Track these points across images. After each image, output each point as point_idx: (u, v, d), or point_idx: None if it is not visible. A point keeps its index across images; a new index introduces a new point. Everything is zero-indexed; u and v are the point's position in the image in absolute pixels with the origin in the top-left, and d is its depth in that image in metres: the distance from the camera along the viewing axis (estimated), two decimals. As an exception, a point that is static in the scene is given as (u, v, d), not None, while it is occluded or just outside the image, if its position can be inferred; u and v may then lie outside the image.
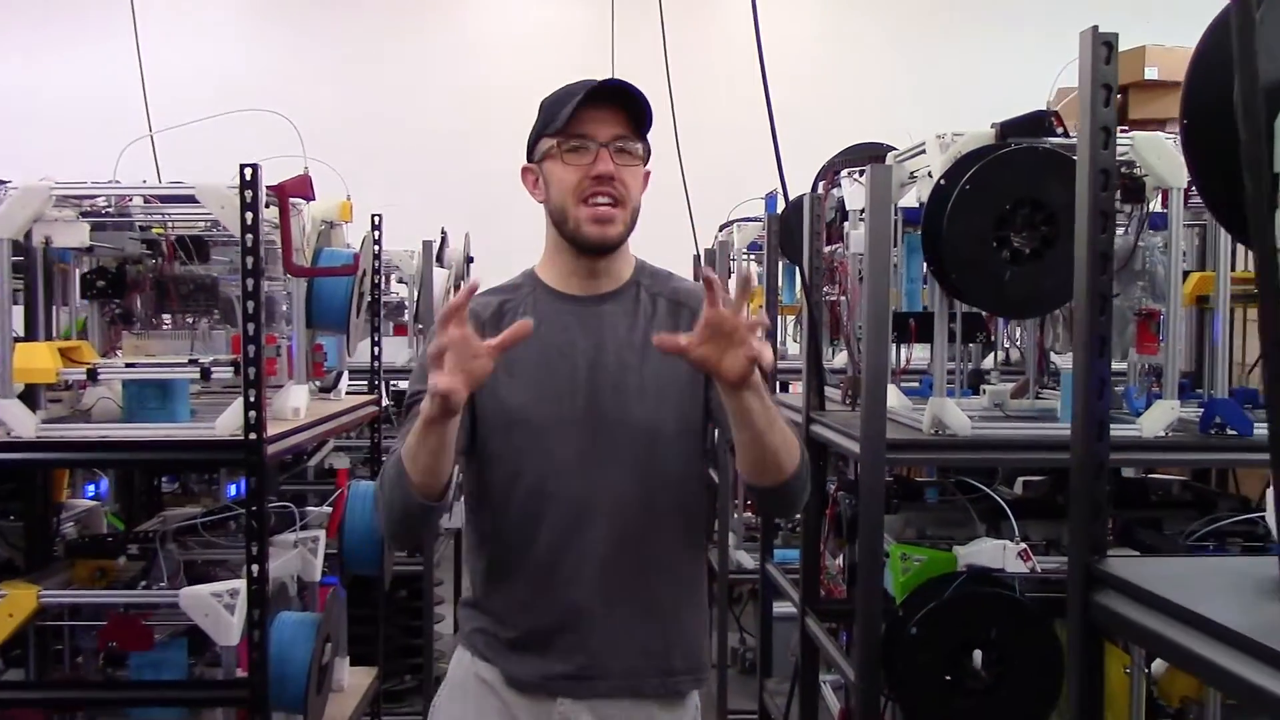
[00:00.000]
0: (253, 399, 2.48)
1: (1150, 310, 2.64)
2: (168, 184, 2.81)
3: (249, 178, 2.47)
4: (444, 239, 5.35)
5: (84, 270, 2.97)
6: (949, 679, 2.44)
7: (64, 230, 2.64)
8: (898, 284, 2.99)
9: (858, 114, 7.71)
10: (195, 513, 3.08)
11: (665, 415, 1.75)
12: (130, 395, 2.70)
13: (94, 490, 3.74)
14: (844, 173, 3.27)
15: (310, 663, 2.69)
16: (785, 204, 3.14)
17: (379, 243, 3.69)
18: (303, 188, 2.83)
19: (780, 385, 4.40)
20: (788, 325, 5.04)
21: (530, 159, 1.79)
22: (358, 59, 9.55)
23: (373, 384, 3.87)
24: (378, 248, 3.67)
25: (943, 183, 2.50)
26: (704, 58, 8.54)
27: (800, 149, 2.82)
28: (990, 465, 3.02)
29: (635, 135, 1.73)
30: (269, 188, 2.62)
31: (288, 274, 2.91)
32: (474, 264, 5.70)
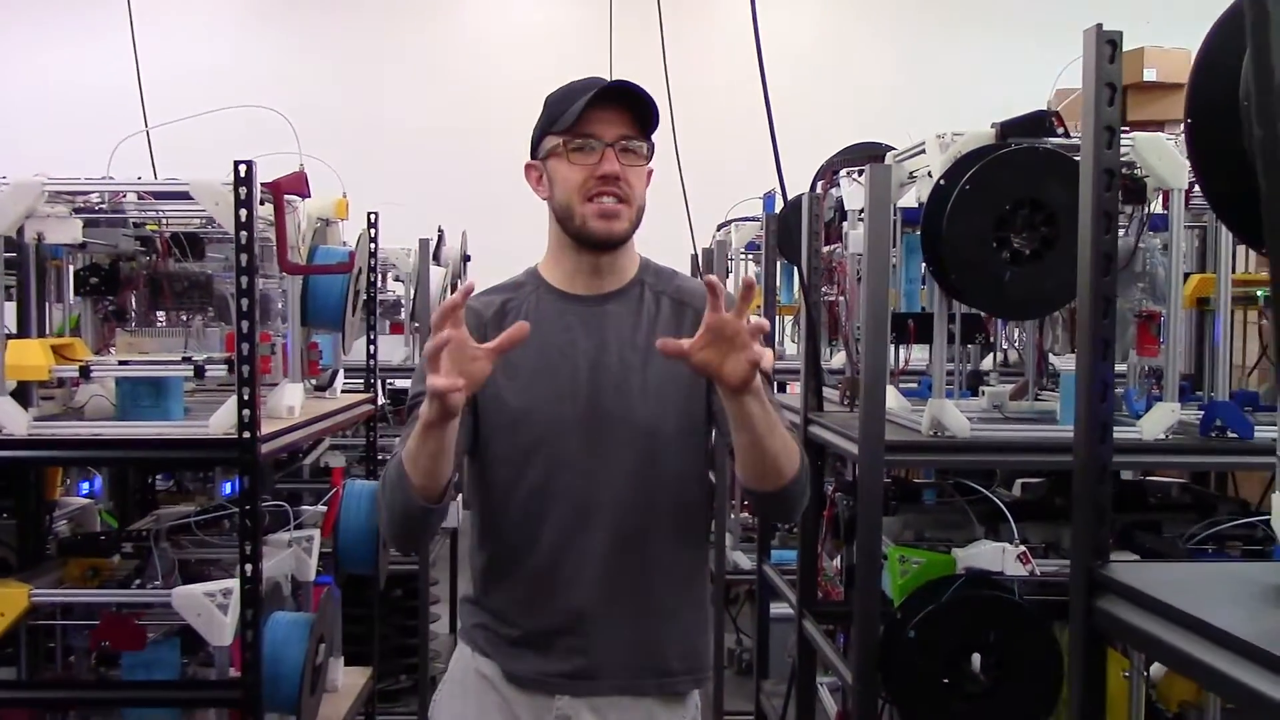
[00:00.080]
0: (246, 397, 2.47)
1: (1150, 312, 2.63)
2: (161, 180, 2.80)
3: (243, 174, 2.46)
4: (441, 237, 5.34)
5: (77, 267, 2.95)
6: (947, 682, 2.43)
7: (57, 226, 2.63)
8: (896, 284, 2.98)
9: (856, 113, 7.71)
10: (189, 511, 3.06)
11: (667, 415, 1.74)
12: (123, 393, 2.68)
13: (88, 488, 3.72)
14: (843, 172, 3.25)
15: (304, 663, 2.68)
16: (784, 204, 3.12)
17: (375, 240, 3.68)
18: (298, 185, 2.82)
19: (778, 386, 4.38)
20: (786, 326, 5.02)
21: (534, 156, 1.77)
22: (355, 57, 9.55)
23: (368, 382, 3.85)
24: (374, 245, 3.66)
25: (942, 183, 2.48)
26: (702, 56, 8.53)
27: (799, 148, 2.80)
28: (989, 467, 3.01)
29: (640, 135, 1.72)
30: (264, 184, 2.61)
31: (283, 271, 2.90)
32: (470, 262, 5.69)
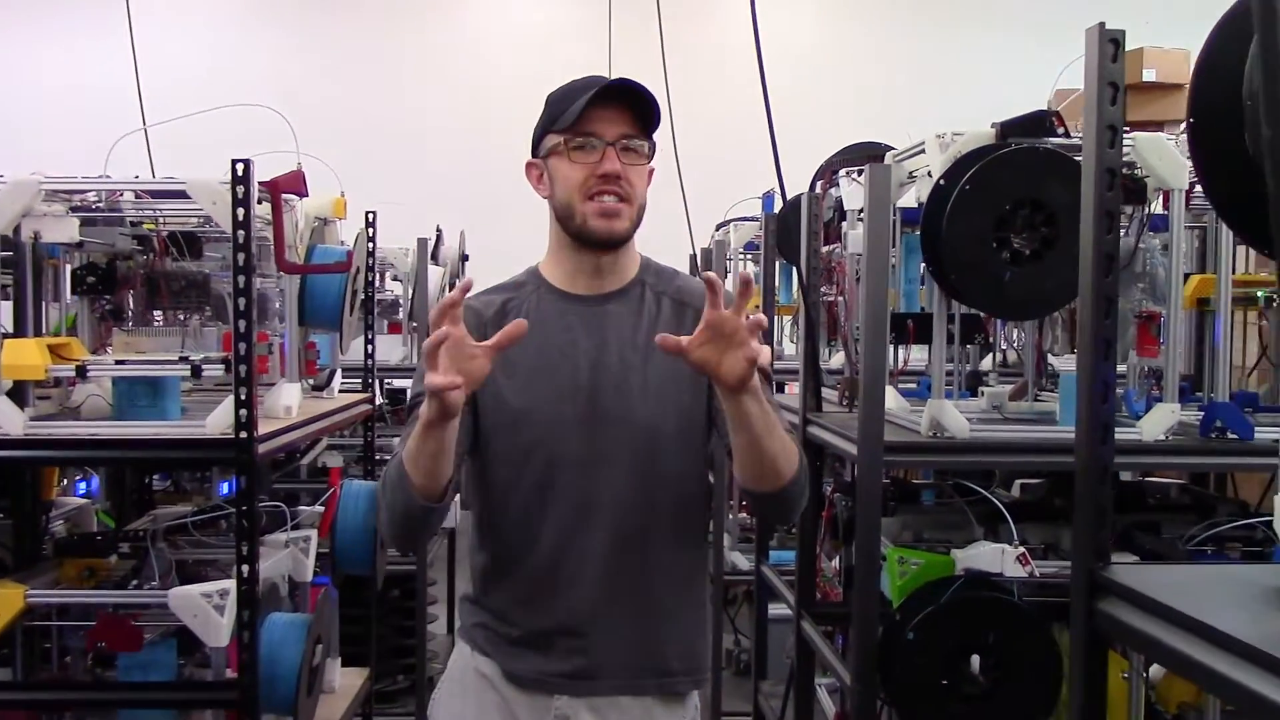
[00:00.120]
0: (244, 397, 2.46)
1: (1150, 312, 2.62)
2: (158, 179, 2.79)
3: (241, 173, 2.45)
4: (439, 236, 5.33)
5: (74, 266, 2.94)
6: (946, 684, 2.42)
7: (53, 225, 2.62)
8: (896, 284, 2.97)
9: (855, 113, 7.70)
10: (186, 511, 3.05)
11: (667, 415, 1.73)
12: (120, 393, 2.67)
13: (85, 488, 3.71)
14: (842, 172, 3.25)
15: (300, 664, 2.67)
16: (783, 203, 3.11)
17: (373, 240, 3.67)
18: (295, 183, 2.81)
19: (777, 386, 4.37)
20: (785, 326, 5.01)
21: (535, 154, 1.77)
22: (353, 56, 9.54)
23: (366, 382, 3.84)
24: (372, 245, 3.65)
25: (942, 183, 2.48)
26: (702, 56, 8.52)
27: (798, 148, 2.79)
28: (989, 468, 3.00)
29: (642, 134, 1.71)
30: (261, 183, 2.60)
31: (280, 271, 2.89)
32: (469, 262, 5.67)
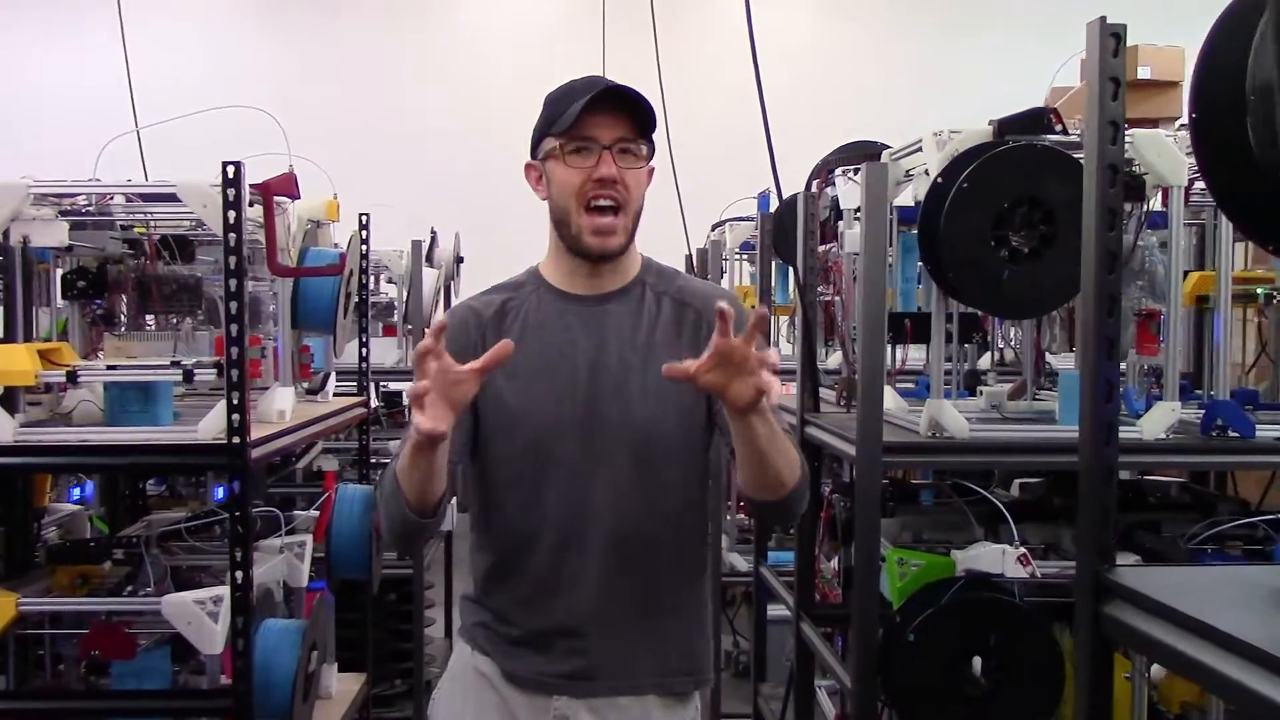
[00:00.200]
0: (236, 401, 2.44)
1: (1150, 310, 2.60)
2: (149, 182, 2.76)
3: (231, 175, 2.43)
4: (434, 239, 5.31)
5: (64, 270, 2.92)
6: (947, 686, 2.40)
7: (42, 229, 2.60)
8: (893, 284, 2.95)
9: (851, 113, 7.68)
10: (179, 517, 3.02)
11: (667, 416, 1.73)
12: (112, 398, 2.65)
13: (79, 494, 3.68)
14: (838, 171, 3.22)
15: (295, 670, 2.65)
16: (779, 203, 3.09)
17: (366, 242, 3.64)
18: (287, 186, 2.79)
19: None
20: (781, 326, 5.00)
21: (534, 156, 1.77)
22: (345, 58, 9.52)
23: (361, 385, 3.82)
24: (365, 247, 3.63)
25: (940, 181, 2.46)
26: (697, 54, 8.51)
27: (794, 147, 2.77)
28: (989, 468, 2.99)
29: (639, 136, 1.71)
30: (253, 186, 2.58)
31: (272, 274, 2.86)
32: (463, 264, 5.65)
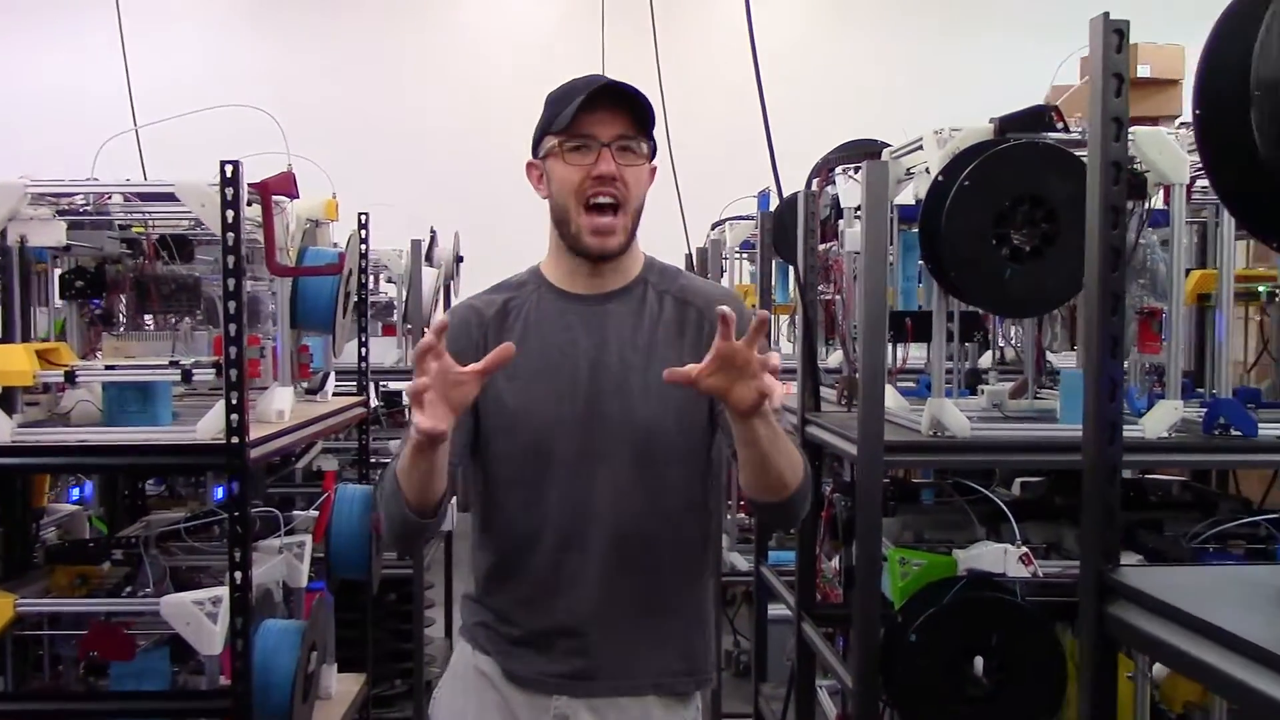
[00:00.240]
0: (235, 401, 2.43)
1: (1151, 309, 2.60)
2: (146, 182, 2.75)
3: (229, 175, 2.42)
4: (433, 238, 5.30)
5: (62, 270, 2.91)
6: (949, 686, 2.39)
7: (40, 229, 2.59)
8: (893, 282, 2.94)
9: (852, 111, 7.67)
10: (179, 517, 3.02)
11: (668, 416, 1.72)
12: (110, 398, 2.64)
13: (78, 494, 3.67)
14: (839, 169, 3.21)
15: (295, 671, 2.64)
16: (779, 202, 3.08)
17: (366, 241, 3.63)
18: (286, 185, 2.78)
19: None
20: (782, 325, 4.99)
21: (535, 155, 1.77)
22: (344, 57, 9.50)
23: (361, 385, 3.81)
24: (364, 246, 3.62)
25: (941, 179, 2.45)
26: (696, 53, 8.50)
27: (794, 146, 2.77)
28: (990, 467, 2.98)
29: (639, 134, 1.71)
30: (251, 185, 2.57)
31: (271, 273, 2.85)
32: (463, 263, 5.64)
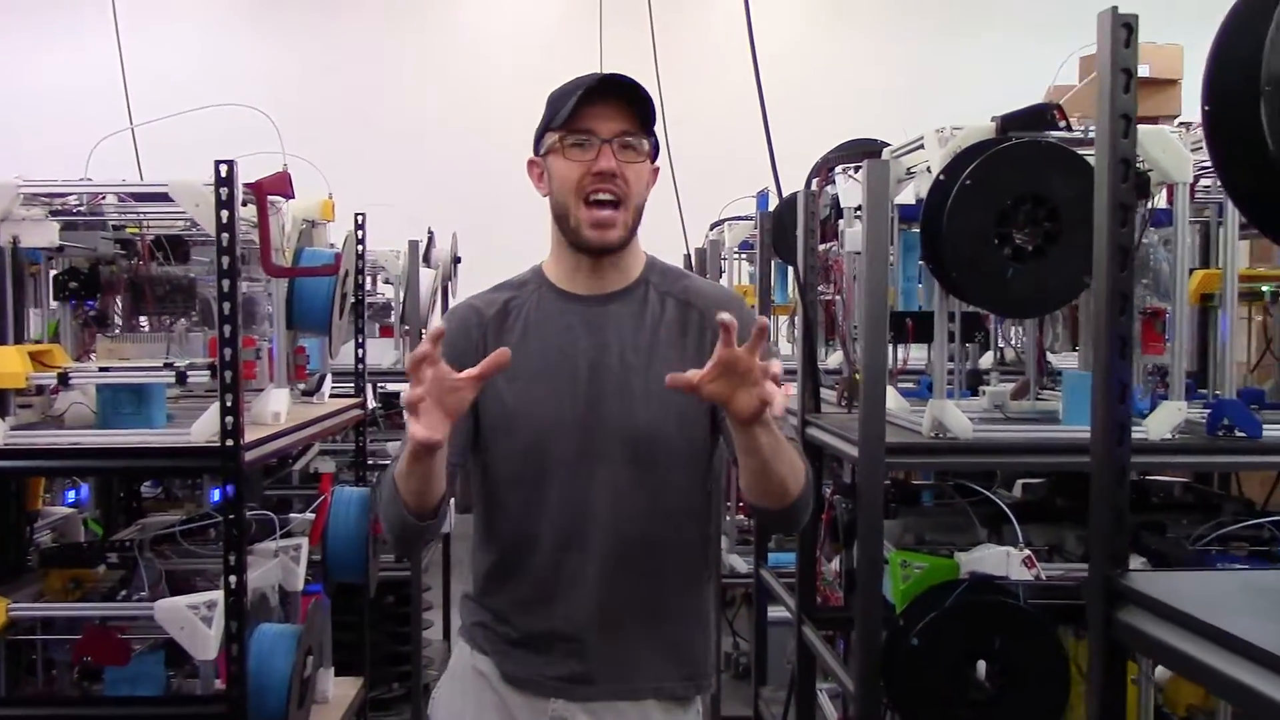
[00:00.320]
0: (230, 404, 2.41)
1: (1155, 309, 2.58)
2: (140, 182, 2.73)
3: (224, 174, 2.40)
4: (431, 239, 5.28)
5: (56, 271, 2.88)
6: (952, 689, 2.37)
7: (32, 229, 2.56)
8: (894, 282, 2.92)
9: (852, 111, 7.63)
10: (174, 520, 2.99)
11: (669, 418, 1.71)
12: (104, 400, 2.62)
13: (73, 496, 3.64)
14: (839, 169, 3.19)
15: (291, 675, 2.61)
16: (778, 201, 3.06)
17: (362, 242, 3.61)
18: (281, 185, 2.76)
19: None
20: (781, 325, 4.97)
21: (536, 152, 1.76)
22: (341, 56, 9.48)
23: (358, 387, 3.79)
24: (361, 247, 3.60)
25: (942, 178, 2.43)
26: (695, 52, 8.48)
27: (793, 146, 2.74)
28: (992, 469, 2.96)
29: (640, 131, 1.69)
30: (246, 185, 2.55)
31: (267, 274, 2.83)
32: (461, 264, 5.62)
